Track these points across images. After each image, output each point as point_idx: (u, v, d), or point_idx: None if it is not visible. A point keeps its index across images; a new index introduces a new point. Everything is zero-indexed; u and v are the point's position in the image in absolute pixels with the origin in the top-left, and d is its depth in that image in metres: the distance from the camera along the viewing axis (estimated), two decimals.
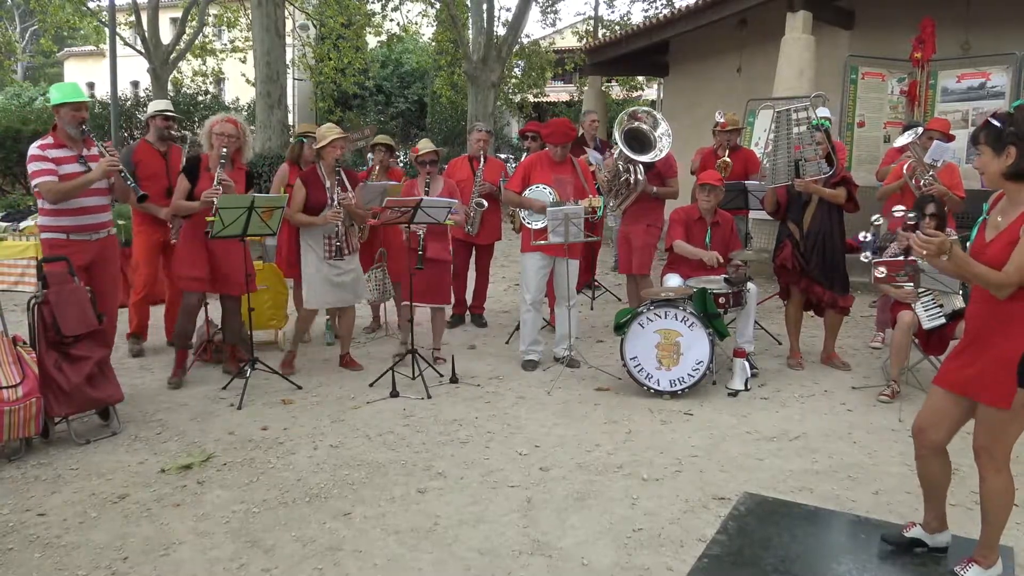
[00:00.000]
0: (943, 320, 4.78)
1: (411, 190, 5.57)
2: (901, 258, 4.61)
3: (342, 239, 5.24)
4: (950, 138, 5.98)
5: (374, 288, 6.14)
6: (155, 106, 5.96)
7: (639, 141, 5.72)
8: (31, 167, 4.48)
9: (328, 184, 5.20)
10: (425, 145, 5.69)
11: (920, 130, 5.81)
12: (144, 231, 5.72)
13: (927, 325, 4.81)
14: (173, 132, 5.75)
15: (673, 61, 13.47)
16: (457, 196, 5.56)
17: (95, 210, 4.67)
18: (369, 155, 7.36)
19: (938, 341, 4.93)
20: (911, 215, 4.00)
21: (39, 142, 4.56)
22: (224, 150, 4.97)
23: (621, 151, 5.69)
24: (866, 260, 4.38)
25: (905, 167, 5.73)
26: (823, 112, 5.78)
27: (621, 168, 5.83)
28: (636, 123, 5.75)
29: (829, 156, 5.19)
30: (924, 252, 2.62)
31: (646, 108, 6.03)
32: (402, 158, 16.33)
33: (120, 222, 5.04)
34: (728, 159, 6.47)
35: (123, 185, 4.75)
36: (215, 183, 4.87)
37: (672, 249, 5.59)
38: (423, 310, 5.64)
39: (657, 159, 5.70)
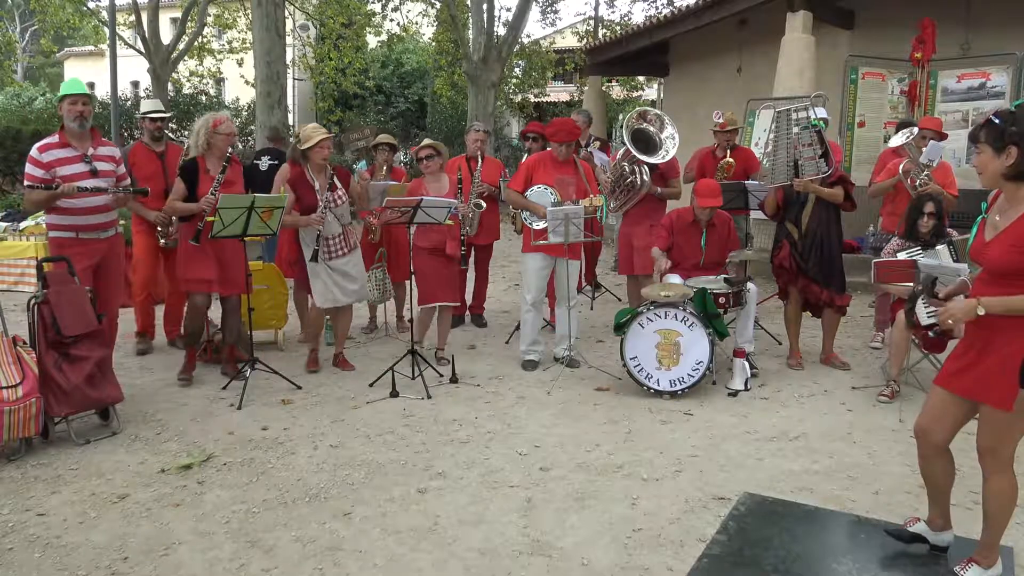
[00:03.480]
0: None
1: (418, 189, 5.56)
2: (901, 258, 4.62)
3: (339, 240, 5.23)
4: (943, 136, 6.00)
5: (374, 288, 6.14)
6: (144, 107, 5.99)
7: (643, 142, 5.72)
8: (26, 169, 4.46)
9: (317, 186, 5.19)
10: (426, 141, 5.74)
11: (915, 130, 5.81)
12: (144, 231, 5.76)
13: (925, 322, 4.80)
14: (164, 132, 5.75)
15: (673, 61, 13.47)
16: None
17: (102, 209, 4.64)
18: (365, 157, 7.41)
19: (937, 339, 4.93)
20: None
21: (41, 142, 4.53)
22: (230, 149, 5.00)
23: (628, 151, 5.69)
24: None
25: (901, 167, 5.73)
26: (820, 112, 5.78)
27: (627, 169, 5.83)
28: (644, 124, 5.76)
29: (827, 155, 5.19)
30: (950, 322, 2.68)
31: (656, 111, 6.03)
32: (402, 158, 16.33)
33: (121, 222, 5.04)
34: (731, 159, 6.46)
35: (120, 200, 4.77)
36: (212, 189, 4.88)
37: (670, 250, 5.60)
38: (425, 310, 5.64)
39: (664, 161, 5.71)
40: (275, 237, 5.33)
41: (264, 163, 7.73)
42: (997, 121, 2.60)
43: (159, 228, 5.61)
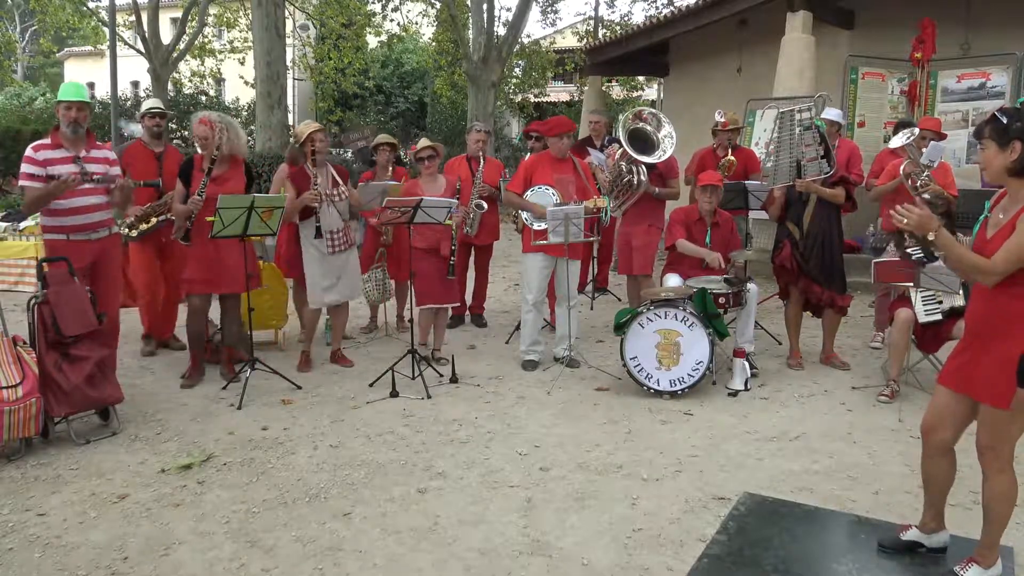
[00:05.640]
0: (940, 316, 4.79)
1: (413, 189, 5.57)
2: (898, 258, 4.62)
3: (340, 235, 5.28)
4: (942, 136, 6.01)
5: (374, 288, 6.14)
6: (145, 105, 5.97)
7: (641, 141, 5.72)
8: (21, 168, 4.45)
9: (318, 180, 5.23)
10: (424, 142, 5.76)
11: (916, 131, 5.82)
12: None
13: (923, 319, 4.81)
14: (160, 129, 5.71)
15: (673, 61, 13.47)
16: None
17: (93, 209, 4.57)
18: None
19: (932, 338, 4.94)
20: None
21: (36, 143, 4.53)
22: (206, 151, 4.96)
23: (624, 151, 5.69)
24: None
25: (902, 168, 5.73)
26: (828, 113, 5.78)
27: (624, 169, 5.83)
28: (640, 123, 5.76)
29: (828, 156, 5.20)
30: (904, 221, 2.63)
31: (652, 110, 6.03)
32: (403, 158, 16.33)
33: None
34: (733, 157, 6.47)
35: (125, 187, 4.67)
36: (197, 191, 4.88)
37: (672, 249, 5.60)
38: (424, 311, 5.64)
39: (661, 160, 5.70)
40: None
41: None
42: (1002, 118, 2.62)
43: (132, 223, 5.50)
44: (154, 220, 5.51)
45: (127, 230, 5.49)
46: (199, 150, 5.10)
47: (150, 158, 5.65)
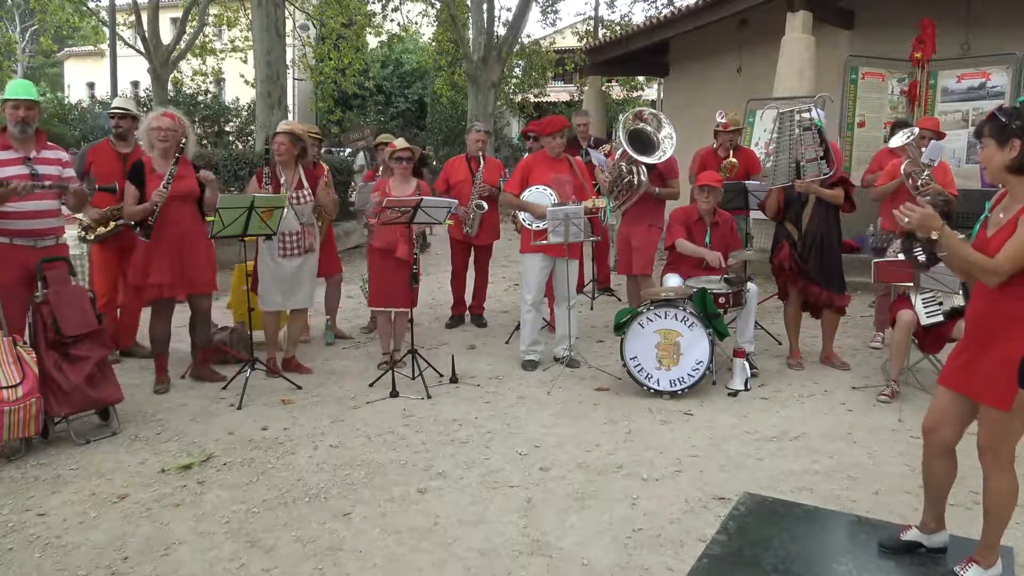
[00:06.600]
0: (941, 318, 4.79)
1: (382, 188, 5.50)
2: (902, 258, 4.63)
3: (294, 238, 5.17)
4: (941, 136, 6.02)
5: None
6: (113, 104, 5.74)
7: (641, 142, 5.72)
8: None
9: (284, 180, 5.16)
10: (401, 142, 5.65)
11: (916, 131, 5.82)
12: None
13: (925, 321, 4.82)
14: (122, 130, 5.45)
15: (673, 61, 13.47)
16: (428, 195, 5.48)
17: (42, 215, 4.32)
18: (361, 156, 7.40)
19: (934, 340, 4.94)
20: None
21: None
22: (164, 145, 4.76)
23: (625, 151, 5.70)
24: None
25: (903, 168, 5.73)
26: (816, 113, 5.79)
27: (624, 169, 5.83)
28: (640, 124, 5.76)
29: (828, 156, 5.20)
30: (906, 220, 2.64)
31: (652, 110, 6.03)
32: None
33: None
34: (734, 159, 6.47)
35: (80, 193, 4.44)
36: (163, 183, 4.70)
37: (672, 249, 5.60)
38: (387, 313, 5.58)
39: (661, 160, 5.71)
40: None
41: None
42: (1001, 116, 2.63)
43: (89, 225, 5.29)
44: (112, 224, 5.28)
45: (84, 232, 5.32)
46: (146, 150, 4.87)
47: (114, 159, 5.39)
